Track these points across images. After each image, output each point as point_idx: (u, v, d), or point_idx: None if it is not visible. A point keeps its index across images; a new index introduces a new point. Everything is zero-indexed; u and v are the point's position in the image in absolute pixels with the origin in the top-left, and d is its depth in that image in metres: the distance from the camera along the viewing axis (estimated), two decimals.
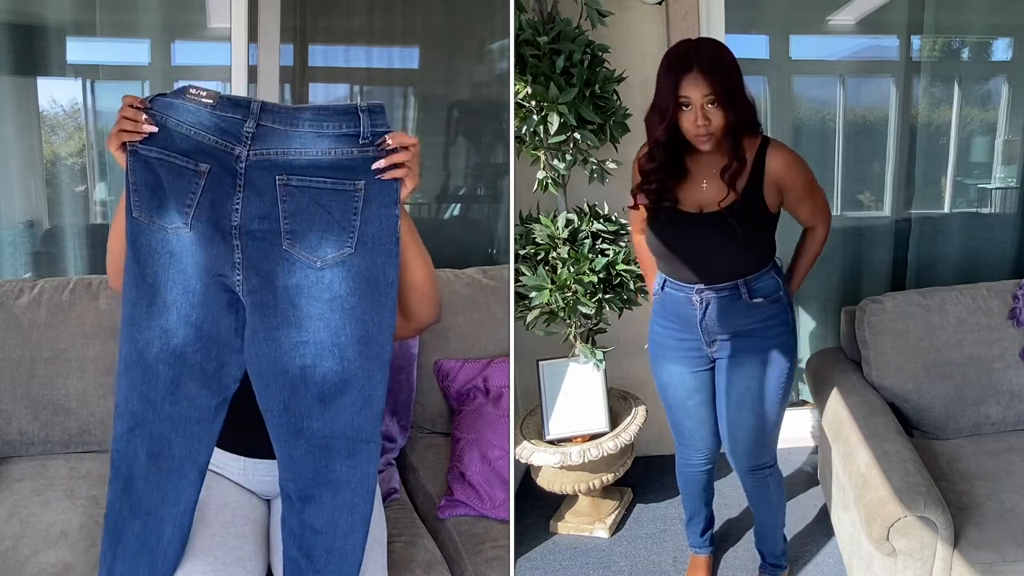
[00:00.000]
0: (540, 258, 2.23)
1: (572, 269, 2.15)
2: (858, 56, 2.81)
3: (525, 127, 2.09)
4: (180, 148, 1.33)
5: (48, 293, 2.06)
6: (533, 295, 2.17)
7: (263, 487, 1.65)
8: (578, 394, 2.35)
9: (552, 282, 2.15)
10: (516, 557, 2.33)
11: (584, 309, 2.17)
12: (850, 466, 1.94)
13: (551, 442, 2.31)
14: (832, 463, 2.15)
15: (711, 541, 2.20)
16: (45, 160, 2.52)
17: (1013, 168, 2.77)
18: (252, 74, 2.49)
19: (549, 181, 2.24)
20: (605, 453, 2.25)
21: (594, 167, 2.24)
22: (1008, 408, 2.21)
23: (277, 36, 2.56)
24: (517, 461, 2.29)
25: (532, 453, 2.28)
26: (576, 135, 2.12)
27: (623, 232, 2.28)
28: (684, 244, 1.81)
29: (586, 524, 2.45)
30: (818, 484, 2.52)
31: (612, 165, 2.25)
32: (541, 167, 2.23)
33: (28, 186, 2.51)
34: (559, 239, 2.21)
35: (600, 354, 2.32)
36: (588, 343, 2.34)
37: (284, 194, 1.33)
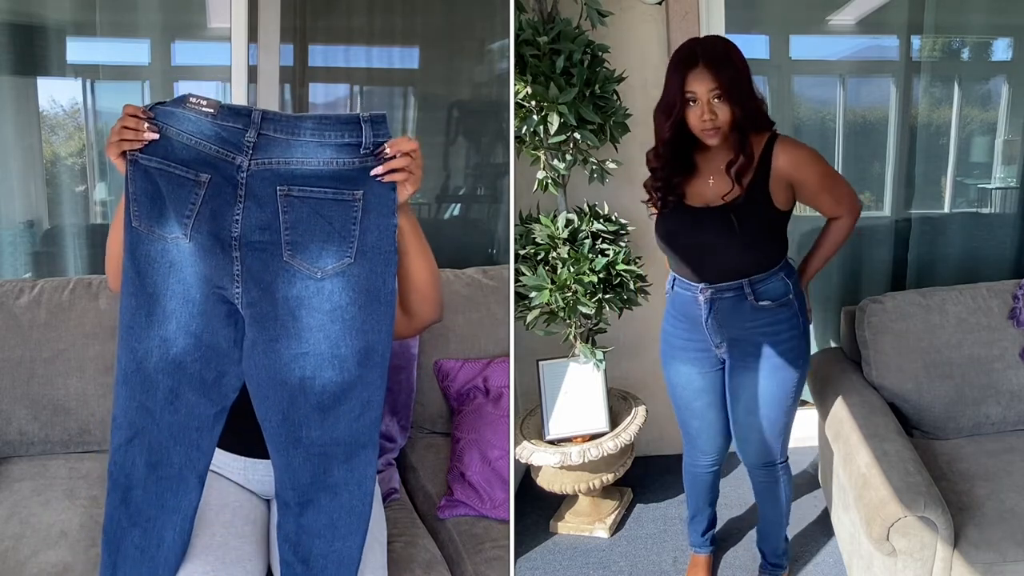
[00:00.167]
0: (540, 258, 2.23)
1: (572, 269, 2.15)
2: (858, 56, 2.81)
3: (525, 127, 2.09)
4: (180, 158, 1.32)
5: (48, 293, 2.06)
6: (533, 295, 2.17)
7: (263, 487, 1.65)
8: (578, 394, 2.35)
9: (552, 282, 2.15)
10: (516, 557, 2.33)
11: (584, 309, 2.17)
12: (850, 466, 1.94)
13: (551, 442, 2.31)
14: (832, 463, 2.15)
15: (712, 541, 2.19)
16: (45, 160, 2.52)
17: (1013, 168, 2.77)
18: (252, 74, 2.49)
19: (549, 181, 2.24)
20: (605, 453, 2.25)
21: (594, 167, 2.23)
22: (1008, 408, 2.21)
23: (277, 36, 2.56)
24: (517, 461, 2.29)
25: (532, 453, 2.28)
26: (576, 135, 2.11)
27: (623, 232, 2.28)
28: (686, 239, 1.81)
29: (586, 524, 2.45)
30: (819, 484, 2.52)
31: (612, 165, 2.24)
32: (541, 167, 2.23)
33: (28, 186, 2.51)
34: (559, 239, 2.21)
35: (600, 354, 2.32)
36: (588, 343, 2.34)
37: (285, 205, 1.32)
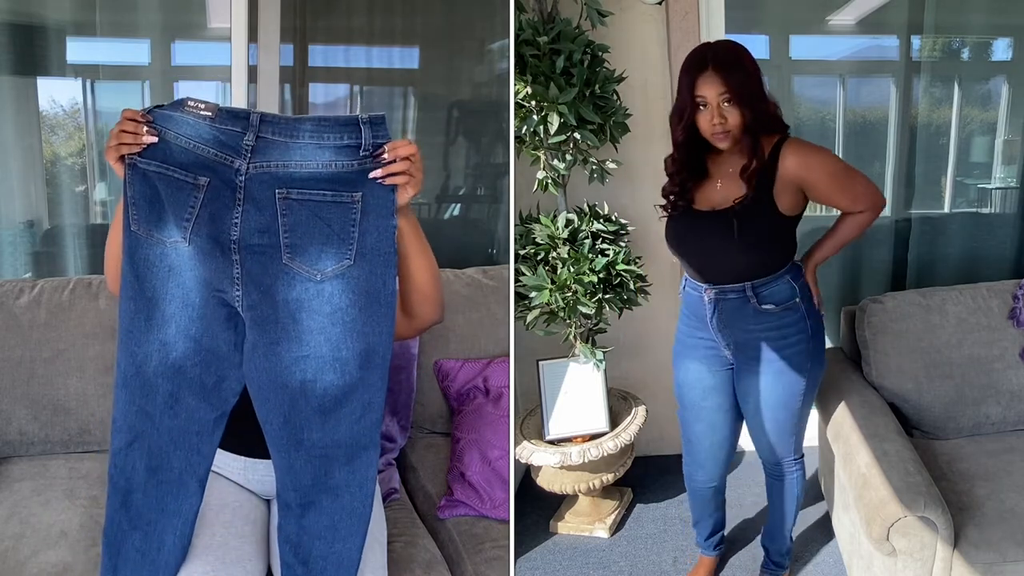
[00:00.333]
0: (540, 258, 2.23)
1: (572, 269, 2.15)
2: (858, 56, 2.81)
3: (525, 127, 2.09)
4: (179, 161, 1.32)
5: (48, 293, 2.06)
6: (533, 295, 2.17)
7: (263, 487, 1.65)
8: (578, 394, 2.34)
9: (552, 282, 2.15)
10: (516, 557, 2.33)
11: (584, 309, 2.17)
12: (850, 466, 1.94)
13: (551, 442, 2.31)
14: (832, 463, 2.15)
15: (717, 545, 2.18)
16: (45, 160, 2.52)
17: (1013, 168, 2.77)
18: (252, 74, 2.49)
19: (549, 181, 2.24)
20: (605, 453, 2.25)
21: (594, 167, 2.23)
22: (1008, 408, 2.21)
23: (277, 36, 2.56)
24: (517, 461, 2.29)
25: (532, 453, 2.28)
26: (576, 135, 2.11)
27: (623, 232, 2.28)
28: (691, 242, 1.83)
29: (586, 524, 2.45)
30: (820, 485, 2.52)
31: (612, 165, 2.24)
32: (541, 167, 2.23)
33: (28, 186, 2.50)
34: (559, 239, 2.21)
35: (600, 354, 2.32)
36: (588, 343, 2.34)
37: (284, 208, 1.32)
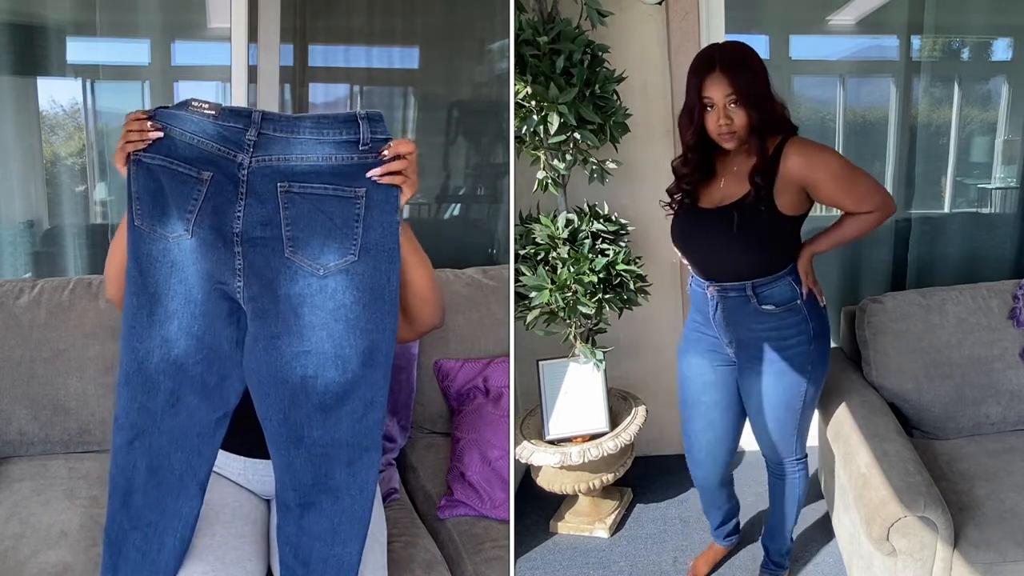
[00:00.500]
0: (540, 258, 2.23)
1: (572, 269, 2.15)
2: (858, 56, 2.81)
3: (525, 127, 2.09)
4: (183, 156, 1.33)
5: (48, 293, 2.06)
6: (533, 295, 2.17)
7: (263, 487, 1.65)
8: (578, 394, 2.35)
9: (552, 282, 2.15)
10: (516, 557, 2.33)
11: (584, 309, 2.17)
12: (850, 466, 1.94)
13: (551, 442, 2.31)
14: (832, 463, 2.15)
15: (727, 536, 2.23)
16: (45, 160, 2.52)
17: (1013, 168, 2.77)
18: (252, 74, 2.48)
19: (549, 181, 2.24)
20: (605, 453, 2.25)
21: (594, 167, 2.23)
22: (1008, 408, 2.21)
23: (277, 36, 2.56)
24: (517, 461, 2.29)
25: (532, 453, 2.28)
26: (576, 135, 2.11)
27: (623, 232, 2.28)
28: (695, 239, 1.85)
29: (586, 524, 2.45)
30: (820, 485, 2.52)
31: (612, 165, 2.24)
32: (541, 167, 2.23)
33: (28, 186, 2.50)
34: (559, 239, 2.21)
35: (600, 354, 2.32)
36: (588, 343, 2.34)
37: (286, 201, 1.32)
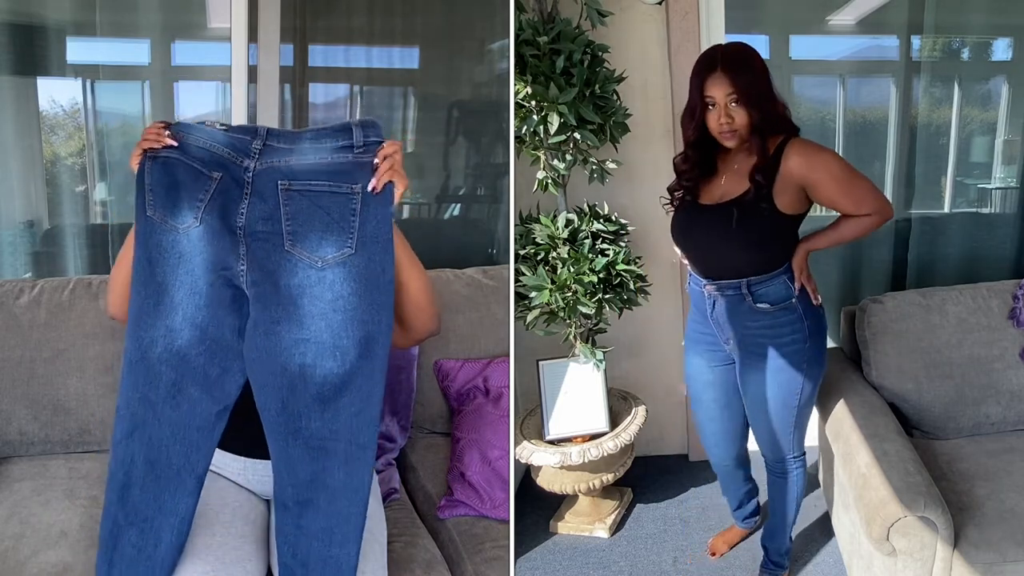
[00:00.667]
0: (540, 258, 2.23)
1: (572, 269, 2.15)
2: (858, 56, 2.81)
3: (525, 127, 2.09)
4: (196, 157, 1.43)
5: (48, 293, 2.06)
6: (533, 295, 2.17)
7: (263, 487, 1.65)
8: (578, 394, 2.35)
9: (552, 282, 2.15)
10: (516, 557, 2.33)
11: (584, 309, 2.17)
12: (850, 466, 1.94)
13: (551, 442, 2.31)
14: (832, 463, 2.15)
15: (746, 518, 2.30)
16: (45, 160, 2.52)
17: (1013, 168, 2.77)
18: (252, 74, 2.49)
19: (549, 181, 2.24)
20: (605, 453, 2.25)
21: (594, 167, 2.23)
22: (1008, 408, 2.21)
23: (277, 36, 2.56)
24: (517, 461, 2.29)
25: (532, 453, 2.28)
26: (576, 135, 2.11)
27: (623, 232, 2.28)
28: (693, 235, 1.87)
29: (586, 524, 2.45)
30: (819, 485, 2.52)
31: (612, 165, 2.24)
32: (541, 167, 2.23)
33: (28, 186, 2.51)
34: (559, 239, 2.21)
35: (600, 354, 2.32)
36: (588, 343, 2.34)
37: (286, 198, 1.40)
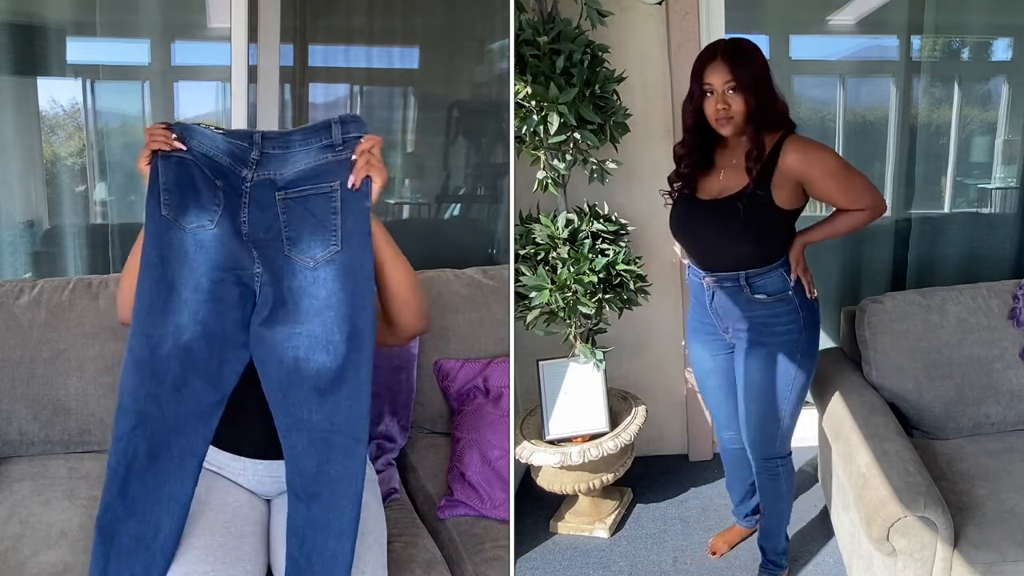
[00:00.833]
0: (540, 258, 2.23)
1: (572, 269, 2.15)
2: (858, 56, 2.81)
3: (525, 127, 2.09)
4: (202, 161, 1.50)
5: (48, 293, 2.06)
6: (533, 295, 2.17)
7: (262, 487, 1.65)
8: (578, 394, 2.35)
9: (552, 282, 2.15)
10: (516, 557, 2.33)
11: (584, 309, 2.17)
12: (850, 466, 1.94)
13: (551, 442, 2.31)
14: (832, 463, 2.15)
15: (746, 515, 2.31)
16: (45, 160, 2.52)
17: (1013, 168, 2.77)
18: (252, 74, 2.49)
19: (549, 181, 2.24)
20: (605, 453, 2.25)
21: (594, 167, 2.23)
22: (1008, 408, 2.21)
23: (277, 36, 2.56)
24: (517, 461, 2.29)
25: (532, 453, 2.28)
26: (576, 135, 2.11)
27: (623, 232, 2.29)
28: (692, 229, 1.89)
29: (586, 524, 2.45)
30: (819, 484, 2.52)
31: (612, 165, 2.24)
32: (541, 167, 2.23)
33: (28, 186, 2.51)
34: (559, 239, 2.21)
35: (600, 354, 2.32)
36: (588, 343, 2.34)
37: (283, 207, 1.50)
